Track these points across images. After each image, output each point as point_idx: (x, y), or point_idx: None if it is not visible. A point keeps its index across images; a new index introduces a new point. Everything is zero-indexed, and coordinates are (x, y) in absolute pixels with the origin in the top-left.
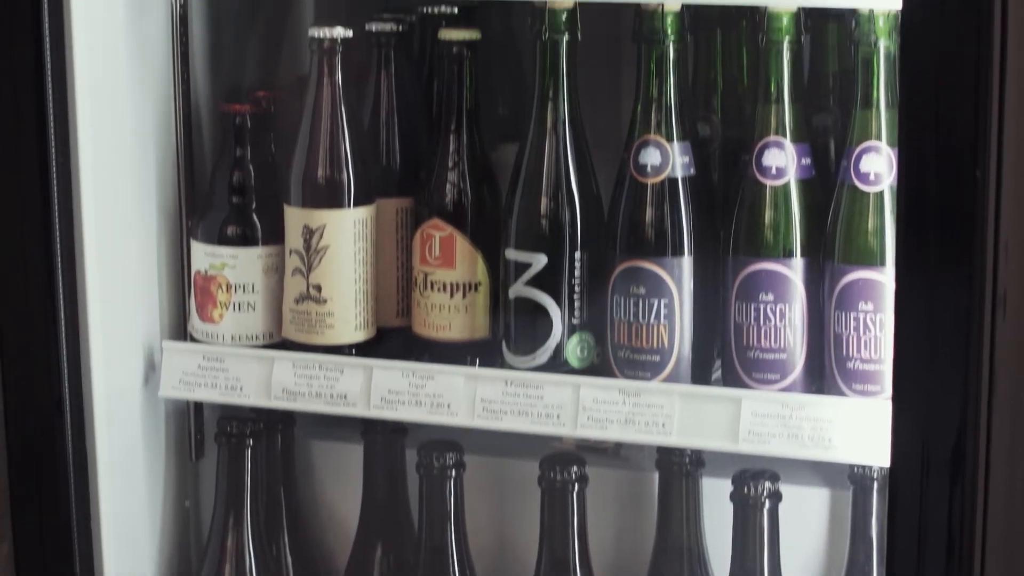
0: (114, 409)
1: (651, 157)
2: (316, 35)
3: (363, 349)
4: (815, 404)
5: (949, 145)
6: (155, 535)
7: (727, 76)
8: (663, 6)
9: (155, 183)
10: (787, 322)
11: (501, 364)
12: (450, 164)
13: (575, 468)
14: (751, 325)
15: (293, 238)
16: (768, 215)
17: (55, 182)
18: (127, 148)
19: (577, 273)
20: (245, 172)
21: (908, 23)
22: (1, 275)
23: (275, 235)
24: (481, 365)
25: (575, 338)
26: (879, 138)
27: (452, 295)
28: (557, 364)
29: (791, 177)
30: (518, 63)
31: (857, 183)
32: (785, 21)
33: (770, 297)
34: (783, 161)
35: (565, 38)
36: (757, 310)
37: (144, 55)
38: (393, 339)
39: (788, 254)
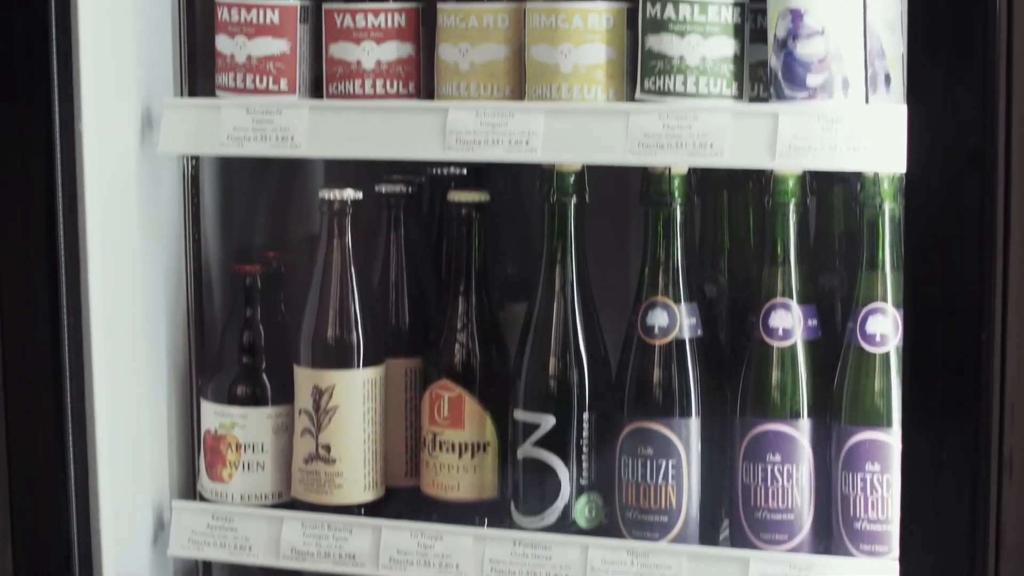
0: (123, 567)
1: (658, 319)
2: (326, 197)
3: (372, 509)
4: (823, 565)
5: (954, 307)
6: None
7: (734, 237)
8: (670, 169)
9: (165, 342)
10: (794, 483)
11: (510, 524)
12: (459, 325)
13: None
14: (758, 485)
15: (302, 398)
16: (775, 376)
17: (67, 341)
18: (138, 307)
19: (585, 434)
20: (255, 332)
21: (912, 186)
22: (13, 433)
23: (285, 395)
24: (489, 525)
25: (583, 498)
26: (885, 299)
27: (461, 455)
28: (565, 524)
29: (797, 338)
30: (526, 224)
31: (863, 344)
32: (791, 184)
33: (777, 458)
34: (790, 323)
35: (573, 200)
36: (764, 470)
37: (155, 216)
38: (402, 499)
39: (795, 415)
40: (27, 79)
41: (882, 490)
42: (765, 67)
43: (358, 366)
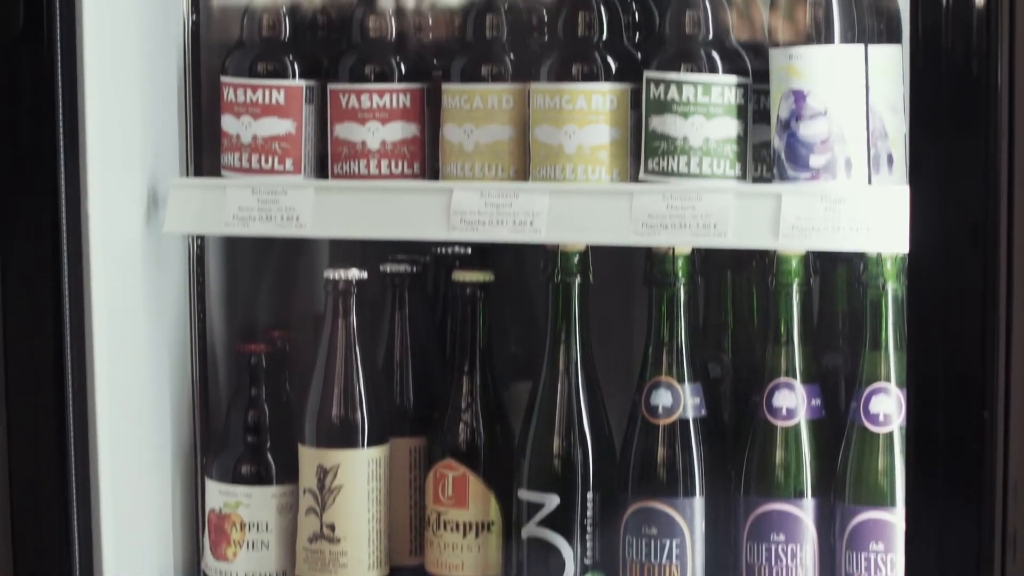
0: None
1: (662, 399)
2: (331, 277)
3: None
4: None
5: (957, 386)
6: None
7: (737, 317)
8: (673, 249)
9: (170, 421)
10: (798, 562)
11: None
12: (463, 404)
13: None
14: (763, 565)
15: (307, 477)
16: (779, 456)
17: (72, 419)
18: (143, 386)
19: (589, 513)
20: (260, 411)
21: (915, 266)
22: (17, 511)
23: (289, 474)
24: None
25: None
26: (888, 379)
27: (465, 535)
28: None
29: (801, 418)
30: (530, 303)
31: (866, 424)
32: (794, 264)
33: (781, 537)
34: (793, 402)
35: (577, 280)
36: (768, 550)
37: (161, 295)
38: None
39: (799, 495)
40: (34, 159)
41: (886, 570)
42: (768, 148)
43: (363, 445)
